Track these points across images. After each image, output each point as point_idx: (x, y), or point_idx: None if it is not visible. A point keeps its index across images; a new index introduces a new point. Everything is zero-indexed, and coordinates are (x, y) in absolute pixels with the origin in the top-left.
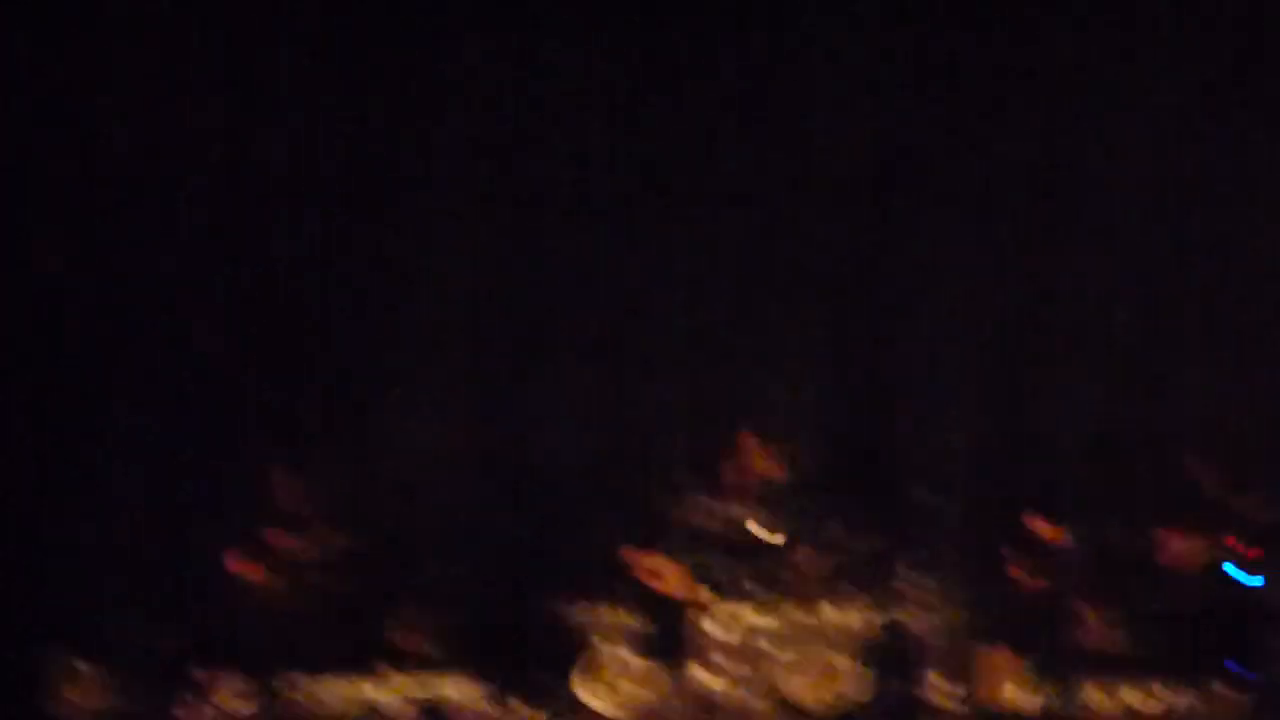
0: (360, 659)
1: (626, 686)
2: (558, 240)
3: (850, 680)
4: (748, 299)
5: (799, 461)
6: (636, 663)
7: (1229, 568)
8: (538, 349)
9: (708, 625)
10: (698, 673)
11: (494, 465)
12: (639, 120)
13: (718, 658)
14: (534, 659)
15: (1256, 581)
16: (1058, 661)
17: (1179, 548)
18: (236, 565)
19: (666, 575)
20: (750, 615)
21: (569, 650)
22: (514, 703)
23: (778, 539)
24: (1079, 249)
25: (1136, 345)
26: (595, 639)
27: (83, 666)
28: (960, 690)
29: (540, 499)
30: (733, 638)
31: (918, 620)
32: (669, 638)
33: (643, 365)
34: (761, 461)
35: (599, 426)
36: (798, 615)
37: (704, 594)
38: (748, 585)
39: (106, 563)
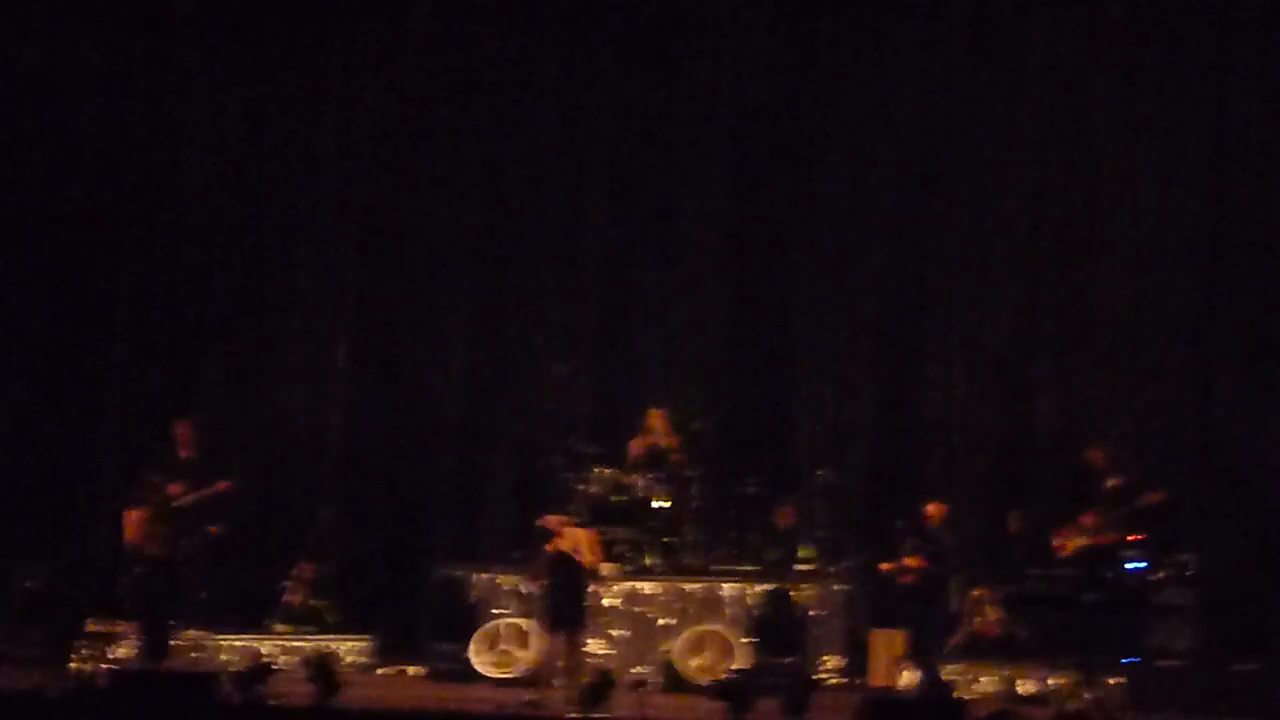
0: (250, 613)
1: (518, 651)
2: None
3: (737, 652)
4: (652, 275)
5: (699, 436)
6: (527, 626)
7: (1117, 554)
8: (430, 313)
9: (601, 592)
10: (588, 638)
11: (396, 425)
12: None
13: (609, 624)
14: (424, 620)
15: (1140, 566)
16: (942, 642)
17: (1069, 534)
18: (130, 516)
19: (571, 541)
20: (643, 584)
21: (461, 613)
22: (401, 661)
23: (675, 510)
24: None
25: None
26: (488, 603)
27: None
28: (844, 665)
29: (438, 460)
30: (624, 605)
31: (807, 594)
32: (552, 603)
33: (548, 336)
34: (663, 435)
35: (504, 392)
36: (689, 586)
37: (600, 562)
38: (643, 555)
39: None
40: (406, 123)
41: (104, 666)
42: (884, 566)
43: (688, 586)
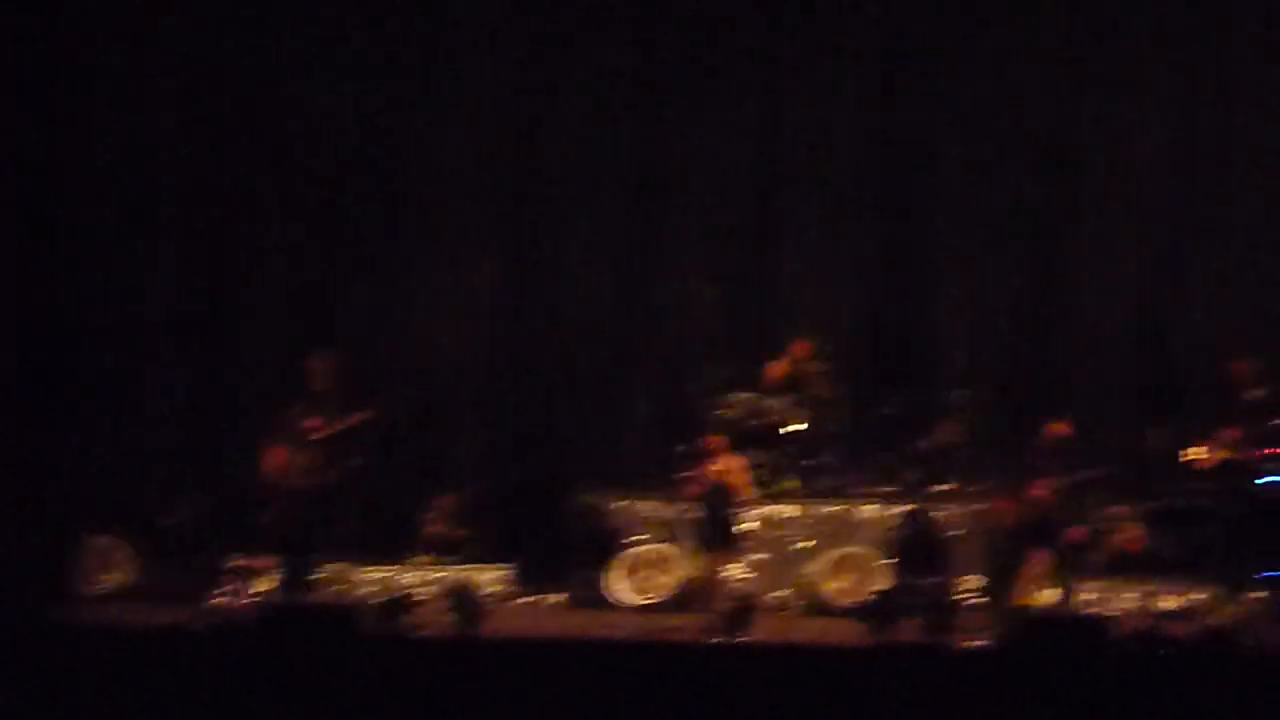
0: (391, 545)
1: (659, 577)
2: (583, 134)
3: (877, 573)
4: (778, 202)
5: (834, 358)
6: (668, 552)
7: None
8: (571, 240)
9: (741, 517)
10: (729, 563)
11: (535, 353)
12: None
13: (748, 549)
14: (564, 547)
15: (1276, 480)
16: (1082, 558)
17: (1210, 447)
18: (270, 451)
19: (716, 466)
20: (782, 508)
21: (601, 539)
22: (542, 590)
23: (811, 433)
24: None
25: (1173, 246)
26: (627, 529)
27: (119, 547)
28: (984, 584)
29: (574, 389)
30: (763, 530)
31: (946, 515)
32: (702, 528)
33: (675, 263)
34: (798, 358)
35: (643, 317)
36: (828, 509)
37: (742, 486)
38: (780, 479)
39: (144, 449)
40: (543, 45)
41: (246, 602)
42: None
43: (826, 509)
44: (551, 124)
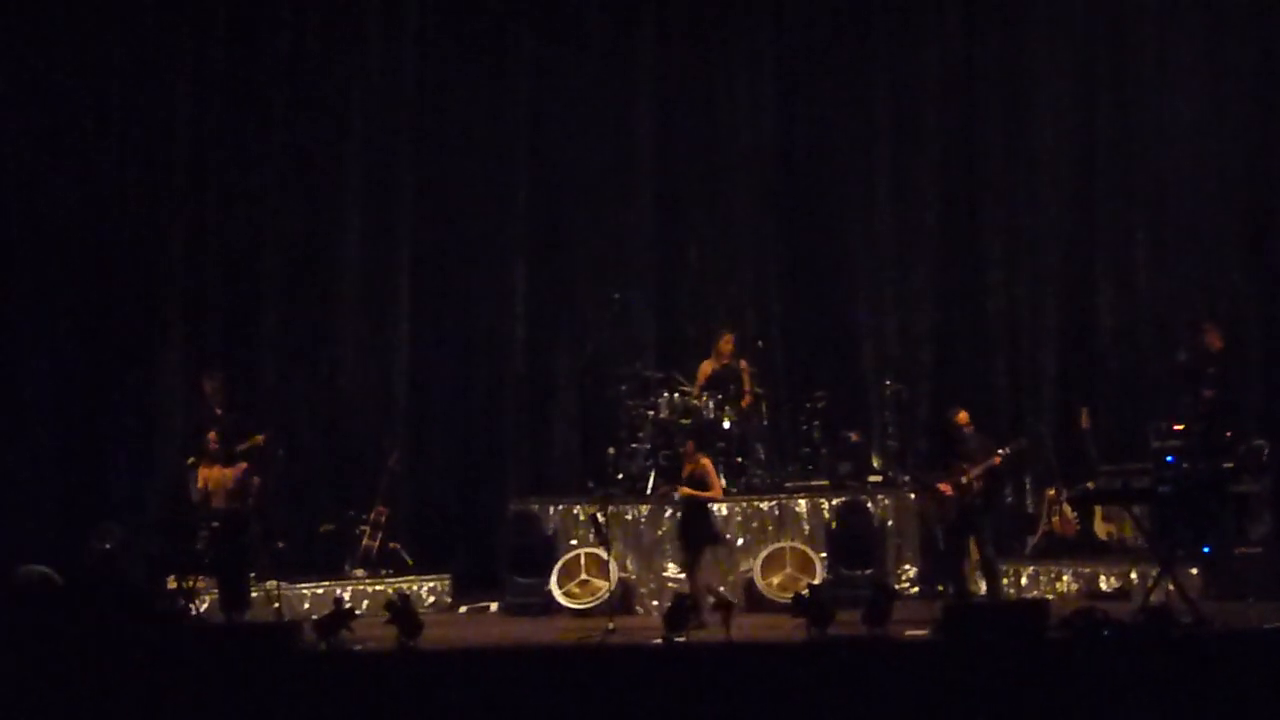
0: (328, 561)
1: (598, 580)
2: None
3: (815, 566)
4: (706, 198)
5: (761, 354)
6: (603, 555)
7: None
8: (499, 244)
9: (676, 514)
10: (663, 562)
11: (460, 363)
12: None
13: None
14: (501, 555)
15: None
16: (1017, 543)
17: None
18: (193, 473)
19: (700, 467)
20: (718, 505)
21: (538, 546)
22: (480, 598)
23: (743, 430)
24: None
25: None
26: (564, 534)
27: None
28: (919, 574)
29: (505, 395)
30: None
31: (881, 506)
32: (699, 524)
33: (607, 266)
34: (724, 354)
35: (566, 323)
36: (764, 504)
37: (715, 485)
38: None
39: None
40: (454, 61)
41: (185, 622)
42: (943, 487)
43: (762, 505)
44: (462, 136)
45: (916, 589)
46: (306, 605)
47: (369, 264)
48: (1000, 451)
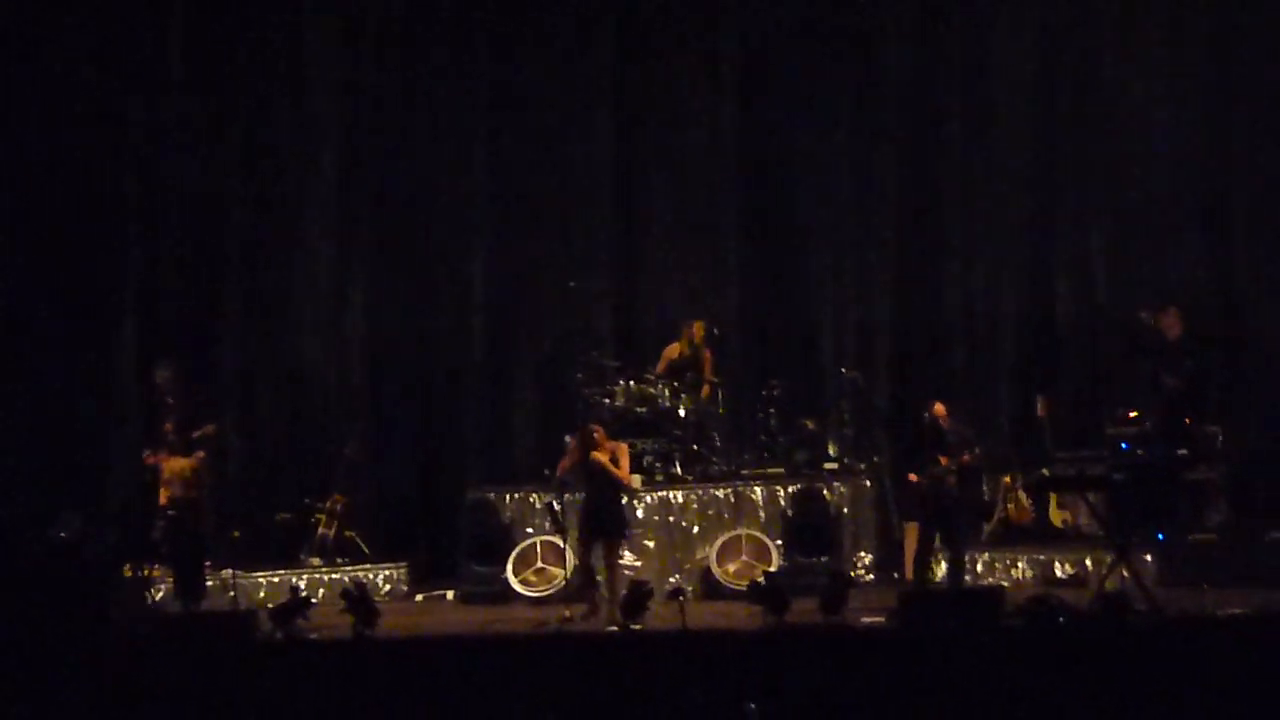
0: (284, 549)
1: (554, 568)
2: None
3: (771, 554)
4: (664, 186)
5: (724, 346)
6: (564, 544)
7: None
8: (460, 232)
9: (634, 504)
10: (622, 550)
11: (418, 351)
12: None
13: (642, 535)
14: (458, 543)
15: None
16: (972, 531)
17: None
18: (148, 463)
19: (607, 453)
20: (674, 493)
21: (495, 534)
22: (437, 586)
23: (700, 417)
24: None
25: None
26: (521, 523)
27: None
28: (875, 561)
29: (463, 383)
30: (656, 515)
31: (838, 493)
32: (600, 514)
33: (565, 253)
34: (689, 345)
35: (524, 312)
36: (720, 492)
37: (631, 474)
38: (671, 464)
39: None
40: (414, 45)
41: (141, 612)
42: (913, 478)
43: (718, 492)
44: (422, 124)
45: (872, 576)
46: (262, 594)
47: (327, 253)
48: (969, 454)
